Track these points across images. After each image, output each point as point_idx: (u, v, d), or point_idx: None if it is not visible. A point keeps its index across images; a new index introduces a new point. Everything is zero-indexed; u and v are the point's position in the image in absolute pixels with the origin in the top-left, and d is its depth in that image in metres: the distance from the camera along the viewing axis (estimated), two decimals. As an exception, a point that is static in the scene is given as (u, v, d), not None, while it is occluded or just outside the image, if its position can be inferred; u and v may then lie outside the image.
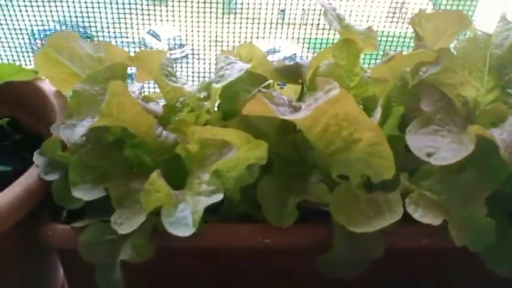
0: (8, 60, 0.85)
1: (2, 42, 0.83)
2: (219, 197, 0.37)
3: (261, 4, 0.82)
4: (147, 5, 0.84)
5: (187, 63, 0.91)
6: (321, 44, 0.90)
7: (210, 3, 0.80)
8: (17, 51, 0.86)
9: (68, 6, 0.80)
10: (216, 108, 0.56)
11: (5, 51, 0.85)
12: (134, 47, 1.02)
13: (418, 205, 0.41)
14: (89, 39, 0.95)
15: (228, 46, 0.85)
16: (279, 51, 1.12)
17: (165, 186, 0.38)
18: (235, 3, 0.89)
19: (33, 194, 0.44)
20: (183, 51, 1.03)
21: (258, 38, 0.85)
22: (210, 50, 0.88)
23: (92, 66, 0.57)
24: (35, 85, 0.59)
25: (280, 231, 0.44)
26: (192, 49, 0.94)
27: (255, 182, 0.46)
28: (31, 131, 0.63)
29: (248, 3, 0.83)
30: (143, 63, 0.53)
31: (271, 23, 0.85)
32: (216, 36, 0.84)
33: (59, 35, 0.54)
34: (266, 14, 0.83)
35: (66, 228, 0.44)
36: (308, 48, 1.06)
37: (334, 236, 0.43)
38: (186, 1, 0.78)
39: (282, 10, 0.89)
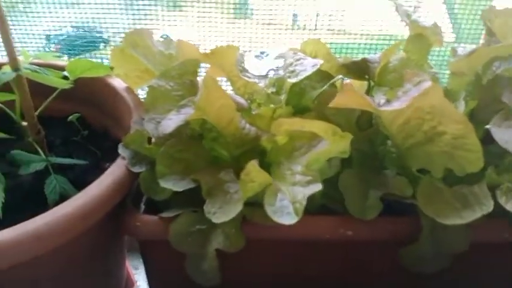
0: None
1: (19, 46, 0.84)
2: (317, 186, 0.38)
3: (271, 9, 0.82)
4: (163, 9, 0.85)
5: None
6: (331, 48, 0.91)
7: (223, 8, 0.80)
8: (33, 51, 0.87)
9: (85, 12, 0.82)
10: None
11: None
12: None
13: (509, 197, 0.41)
14: (104, 44, 0.96)
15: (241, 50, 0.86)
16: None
17: (264, 175, 0.39)
18: (248, 8, 0.90)
19: (123, 185, 0.45)
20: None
21: (270, 42, 0.85)
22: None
23: (163, 62, 0.58)
24: (105, 81, 0.60)
25: (362, 224, 0.45)
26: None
27: (334, 175, 0.47)
28: (97, 126, 0.64)
29: (261, 8, 0.83)
30: (218, 59, 0.54)
31: (284, 27, 0.85)
32: (230, 41, 0.85)
33: (135, 32, 0.56)
34: (279, 18, 0.83)
35: (154, 218, 0.45)
36: None
37: (421, 229, 0.43)
38: (200, 6, 0.79)
39: (295, 14, 0.89)
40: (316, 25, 0.92)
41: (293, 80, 0.51)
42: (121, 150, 0.48)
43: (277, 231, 0.43)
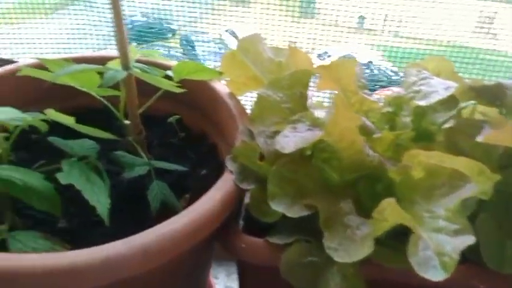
0: (93, 48, 0.87)
1: (90, 30, 0.86)
2: (469, 239, 0.32)
3: (337, 10, 0.79)
4: (231, 4, 0.84)
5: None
6: (397, 53, 0.85)
7: (289, 6, 0.78)
8: (104, 40, 0.88)
9: (155, 1, 0.82)
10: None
11: (92, 39, 0.87)
12: (214, 44, 1.02)
13: None
14: (172, 34, 0.95)
15: (303, 50, 0.82)
16: (355, 57, 1.08)
17: (403, 215, 0.34)
18: (314, 8, 0.86)
19: (231, 202, 0.42)
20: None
21: (333, 42, 0.83)
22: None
23: (271, 70, 0.54)
24: (208, 85, 0.58)
25: (499, 278, 0.38)
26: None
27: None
28: (194, 130, 0.62)
29: (327, 8, 0.80)
30: (335, 71, 0.50)
31: (349, 29, 0.82)
32: (292, 39, 0.82)
33: (248, 38, 0.52)
34: (345, 19, 0.80)
35: (261, 242, 0.42)
36: (384, 56, 1.01)
37: None
38: (265, 3, 0.77)
39: (361, 16, 0.85)
40: (383, 29, 0.87)
41: (422, 103, 0.46)
42: (229, 163, 0.45)
43: (400, 275, 0.38)
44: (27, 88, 0.55)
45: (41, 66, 0.51)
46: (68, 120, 0.42)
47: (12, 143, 0.43)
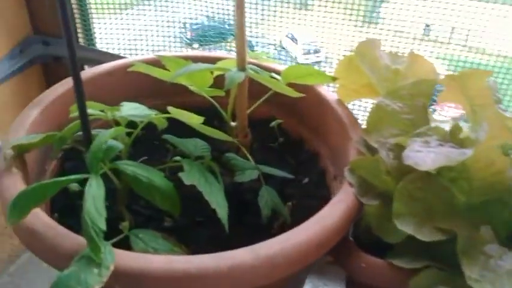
0: (158, 48, 0.87)
1: (156, 30, 0.87)
2: None
3: (402, 17, 0.74)
4: (295, 8, 0.82)
5: (319, 68, 0.88)
6: (464, 65, 0.79)
7: (352, 11, 0.74)
8: (169, 41, 0.89)
9: (218, 3, 0.81)
10: None
11: (157, 37, 0.88)
12: (274, 48, 1.01)
13: None
14: (233, 36, 0.94)
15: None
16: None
17: None
18: (378, 14, 0.81)
19: (352, 216, 0.40)
20: (318, 56, 1.02)
21: (396, 51, 0.76)
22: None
23: (387, 78, 0.51)
24: (314, 90, 0.56)
25: None
26: (326, 56, 0.94)
27: None
28: (292, 135, 0.60)
29: (392, 15, 0.75)
30: (462, 83, 0.46)
31: (413, 38, 0.76)
32: (353, 45, 0.76)
33: (366, 42, 0.50)
34: (409, 27, 0.75)
35: (383, 263, 0.39)
36: (449, 68, 0.95)
37: None
38: (328, 8, 0.75)
39: (427, 25, 0.80)
40: (449, 40, 0.82)
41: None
42: (348, 175, 0.43)
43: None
44: (128, 83, 0.56)
45: (151, 62, 0.51)
46: (194, 120, 0.41)
47: (134, 138, 0.43)
